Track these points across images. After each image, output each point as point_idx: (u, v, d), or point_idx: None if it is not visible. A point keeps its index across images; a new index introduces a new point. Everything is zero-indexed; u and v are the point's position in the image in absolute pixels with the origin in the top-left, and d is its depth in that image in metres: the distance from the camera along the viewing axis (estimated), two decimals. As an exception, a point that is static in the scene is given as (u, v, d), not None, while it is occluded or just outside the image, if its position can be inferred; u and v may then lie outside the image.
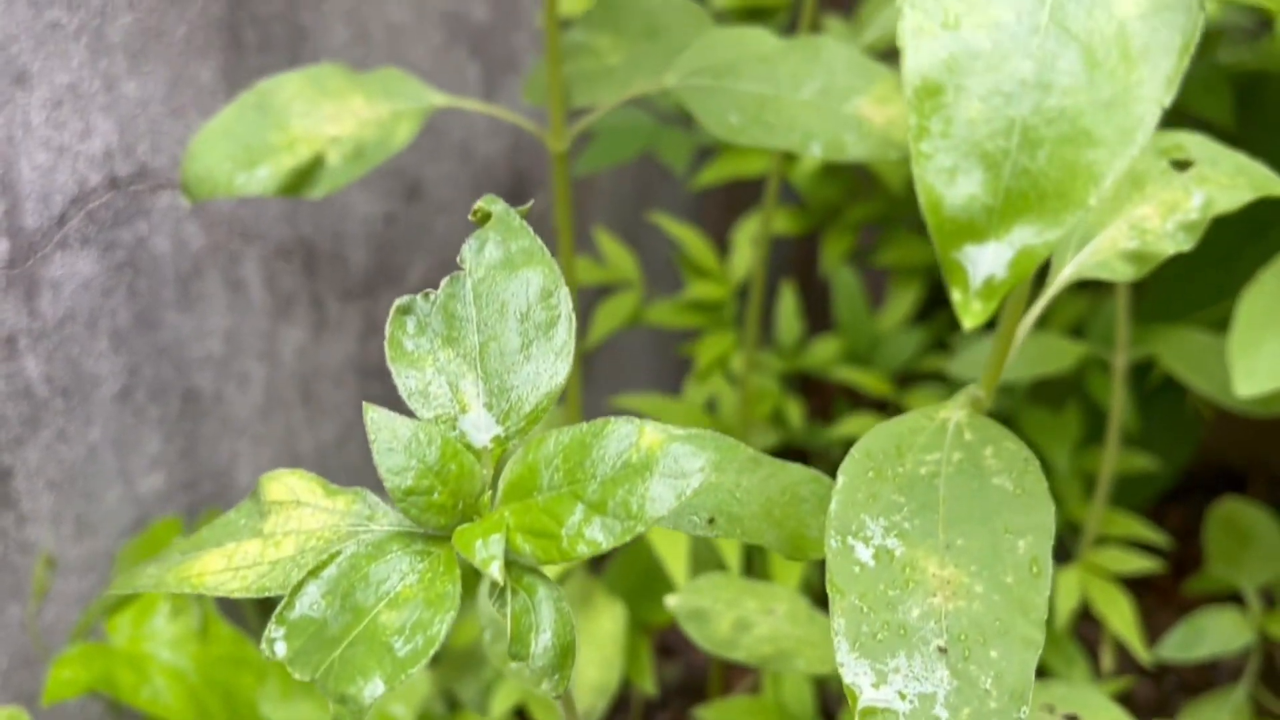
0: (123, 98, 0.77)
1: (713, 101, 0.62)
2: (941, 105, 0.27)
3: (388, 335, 0.40)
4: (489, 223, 0.39)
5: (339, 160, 0.61)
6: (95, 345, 0.79)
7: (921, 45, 0.27)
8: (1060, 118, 0.27)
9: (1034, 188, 0.27)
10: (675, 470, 0.33)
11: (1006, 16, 0.27)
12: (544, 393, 0.37)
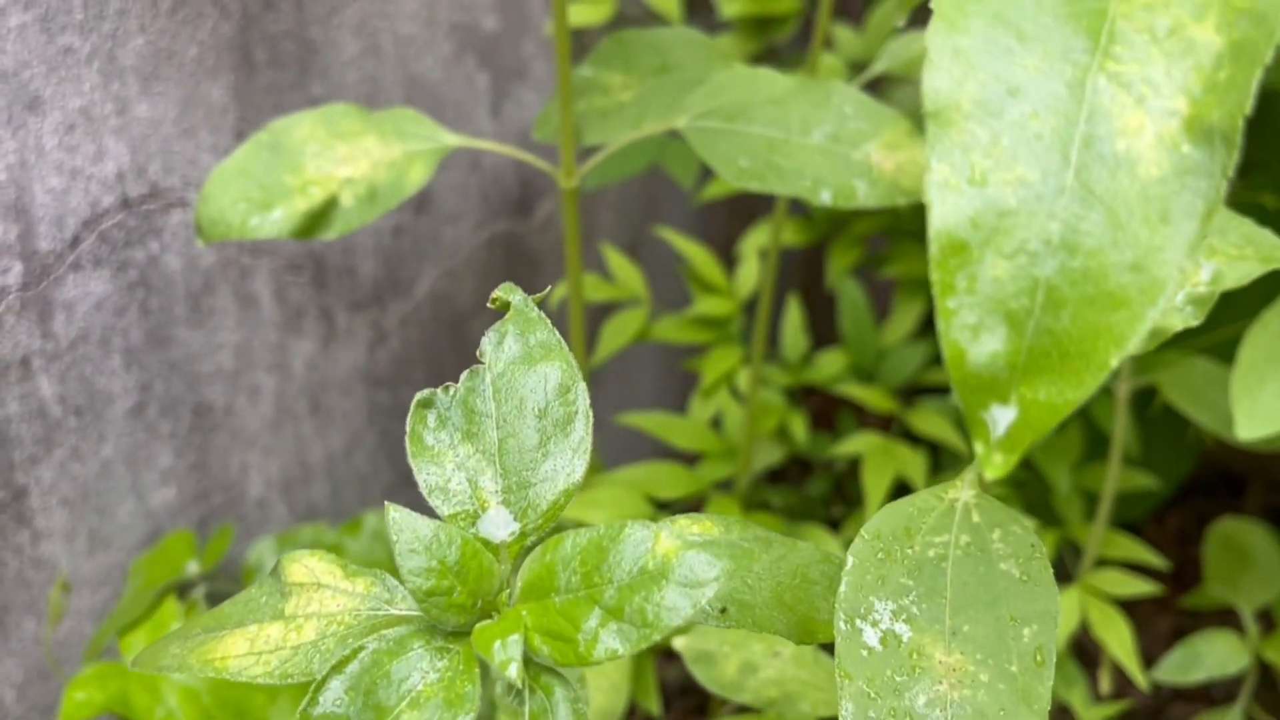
0: (135, 119, 0.77)
1: (722, 145, 0.62)
2: (967, 262, 0.27)
3: (409, 430, 0.40)
4: (508, 314, 0.39)
5: (353, 202, 0.61)
6: (108, 364, 0.79)
7: (948, 200, 0.27)
8: (1084, 279, 0.27)
9: (1057, 348, 0.27)
10: (691, 579, 0.33)
11: (1033, 175, 0.27)
12: (561, 489, 0.37)
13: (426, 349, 1.01)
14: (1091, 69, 0.28)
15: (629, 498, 0.75)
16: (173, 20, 0.77)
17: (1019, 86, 0.28)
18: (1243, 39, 0.27)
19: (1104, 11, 0.29)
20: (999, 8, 0.29)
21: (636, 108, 0.67)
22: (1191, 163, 0.27)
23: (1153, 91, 0.27)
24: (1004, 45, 0.28)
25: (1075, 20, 0.28)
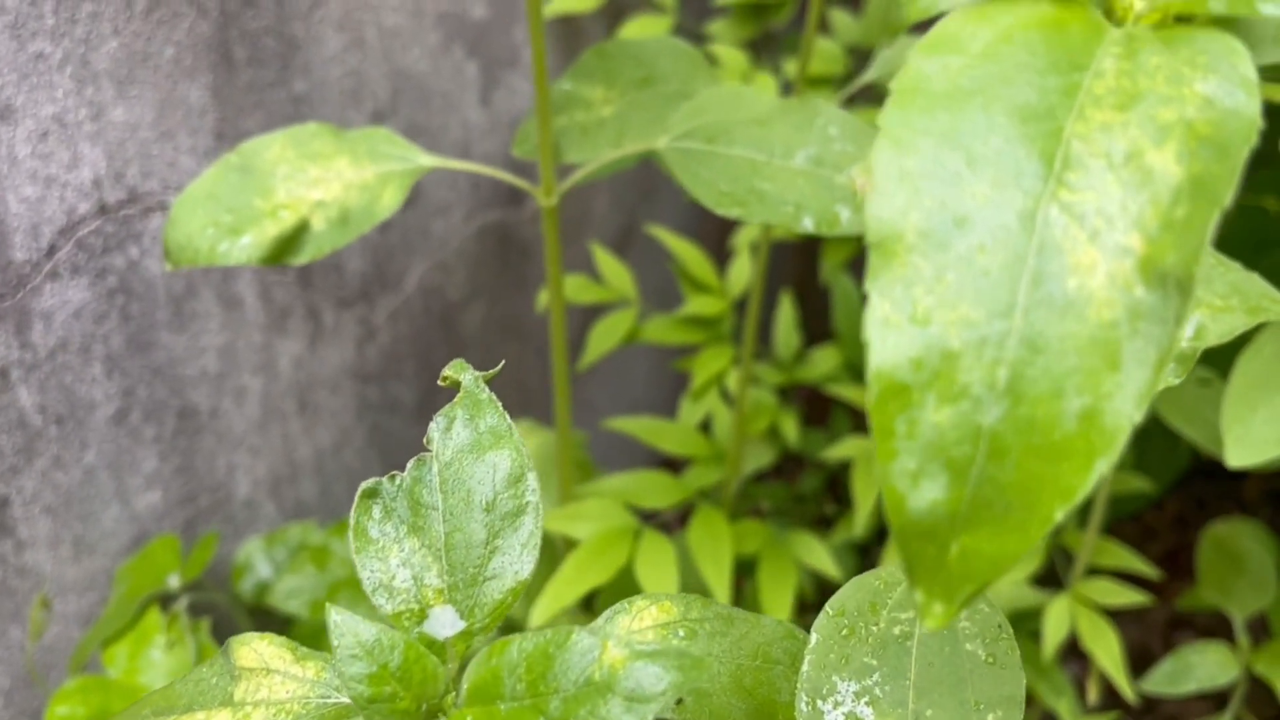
0: (110, 124, 0.75)
1: (703, 168, 0.60)
2: (907, 405, 0.26)
3: (352, 523, 0.39)
4: (457, 398, 0.38)
5: (324, 226, 0.59)
6: (89, 371, 0.78)
7: (888, 339, 0.26)
8: (1030, 428, 0.25)
9: (1000, 498, 0.26)
10: (638, 693, 0.32)
11: (978, 315, 0.26)
12: (509, 587, 0.36)
13: (416, 342, 0.99)
14: (1044, 198, 0.26)
15: (614, 510, 0.74)
16: (148, 22, 0.75)
17: (967, 216, 0.26)
18: (1203, 173, 0.26)
19: (1059, 132, 0.27)
20: (949, 126, 0.27)
21: (617, 124, 0.65)
22: (1145, 307, 0.25)
23: (1107, 225, 0.26)
24: (953, 169, 0.26)
25: (1029, 142, 0.27)
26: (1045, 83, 0.27)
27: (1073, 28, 0.29)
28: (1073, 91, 0.27)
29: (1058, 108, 0.27)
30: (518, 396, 1.12)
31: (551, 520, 0.74)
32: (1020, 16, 0.29)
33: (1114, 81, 0.27)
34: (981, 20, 0.28)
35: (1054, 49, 0.28)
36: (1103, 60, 0.28)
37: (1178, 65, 0.28)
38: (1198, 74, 0.27)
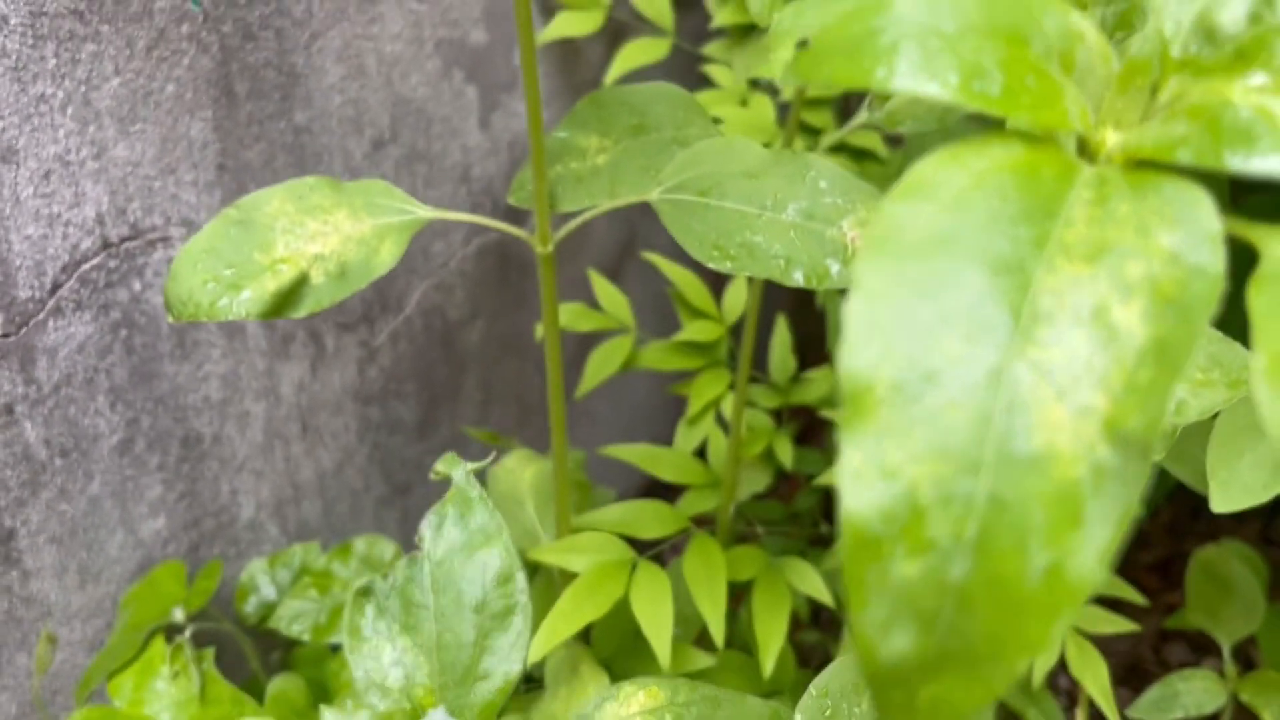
0: (113, 162, 0.75)
1: (695, 221, 0.61)
2: (878, 557, 0.26)
3: (347, 621, 0.39)
4: (448, 496, 0.39)
5: (323, 279, 0.60)
6: (93, 404, 0.79)
7: (860, 491, 0.26)
8: (996, 583, 0.26)
9: (967, 650, 0.26)
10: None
11: (946, 471, 0.26)
12: (498, 687, 0.37)
13: (417, 362, 1.00)
14: (1012, 354, 0.27)
15: (610, 543, 0.75)
16: (149, 60, 0.76)
17: (937, 372, 0.27)
18: (1166, 336, 0.26)
19: (1029, 285, 0.27)
20: (921, 278, 0.27)
21: (611, 172, 0.65)
22: (1108, 466, 0.26)
23: (1073, 384, 0.26)
24: (925, 323, 0.27)
25: (999, 296, 0.27)
26: (1017, 232, 0.28)
27: (1045, 170, 0.29)
28: (1043, 241, 0.28)
29: (1028, 259, 0.28)
30: (517, 411, 1.12)
31: (548, 553, 0.75)
32: (993, 160, 0.29)
33: (1084, 230, 0.28)
34: (954, 164, 0.29)
35: (1025, 195, 0.29)
36: (1073, 207, 0.28)
37: (1145, 214, 0.28)
38: (1164, 226, 0.28)
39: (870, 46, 0.30)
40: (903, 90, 0.29)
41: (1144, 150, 0.29)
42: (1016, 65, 0.30)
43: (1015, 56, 0.30)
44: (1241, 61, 0.30)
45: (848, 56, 0.30)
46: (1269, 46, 0.30)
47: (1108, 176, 0.29)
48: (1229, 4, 0.31)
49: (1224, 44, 0.31)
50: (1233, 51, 0.30)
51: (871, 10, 0.30)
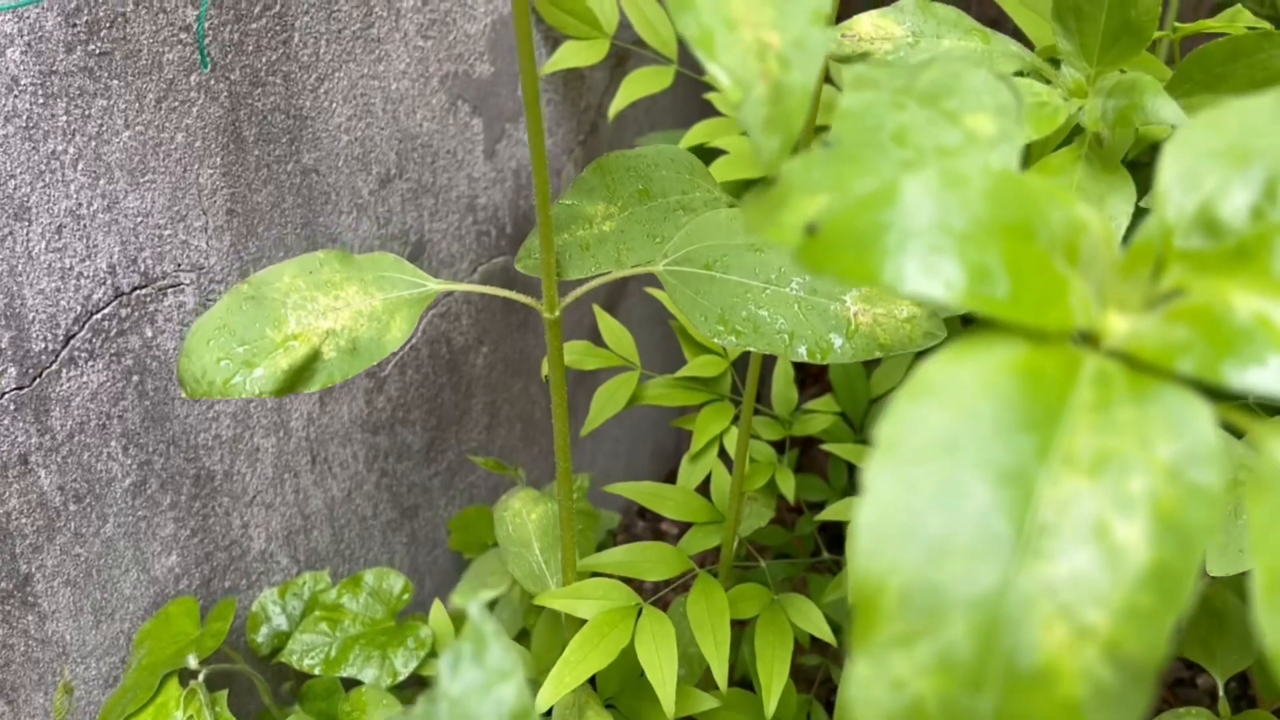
0: (124, 213, 0.76)
1: (700, 294, 0.61)
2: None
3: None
4: (464, 632, 0.39)
5: (335, 354, 0.60)
6: (106, 449, 0.80)
7: (869, 697, 0.27)
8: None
9: None
10: None
11: (949, 685, 0.27)
12: (514, 824, 0.38)
13: (424, 389, 1.01)
14: (1015, 568, 0.27)
15: (614, 590, 0.76)
16: (159, 111, 0.76)
17: (943, 586, 0.27)
18: (1168, 561, 0.27)
19: (1031, 496, 0.28)
20: (929, 486, 0.28)
21: (617, 239, 0.66)
22: (1108, 688, 0.26)
23: (1075, 602, 0.27)
24: (932, 535, 0.28)
25: (1003, 508, 0.28)
26: (1020, 441, 0.29)
27: (1048, 370, 0.30)
28: (1046, 450, 0.28)
29: (1032, 469, 0.28)
30: (523, 431, 1.13)
31: (555, 600, 0.76)
32: (997, 361, 0.30)
33: (1086, 438, 0.29)
34: (960, 364, 0.29)
35: (1029, 400, 0.29)
36: (1076, 411, 0.29)
37: (1146, 423, 0.29)
38: (1165, 437, 0.28)
39: (878, 243, 0.30)
40: (911, 294, 0.29)
41: (1145, 353, 0.30)
42: (1022, 263, 0.30)
43: (1021, 253, 0.30)
44: (1243, 259, 0.30)
45: (856, 252, 0.30)
46: (1270, 245, 0.30)
47: (1110, 375, 0.30)
48: (1231, 197, 0.31)
49: (1226, 236, 0.31)
50: (1234, 246, 0.31)
51: (880, 203, 0.31)
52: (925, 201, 0.30)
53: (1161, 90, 0.51)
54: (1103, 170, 0.53)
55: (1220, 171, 0.31)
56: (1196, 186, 0.31)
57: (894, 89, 0.38)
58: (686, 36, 0.37)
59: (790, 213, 0.36)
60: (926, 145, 0.36)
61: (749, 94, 0.38)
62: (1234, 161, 0.31)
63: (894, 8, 0.58)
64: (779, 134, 0.38)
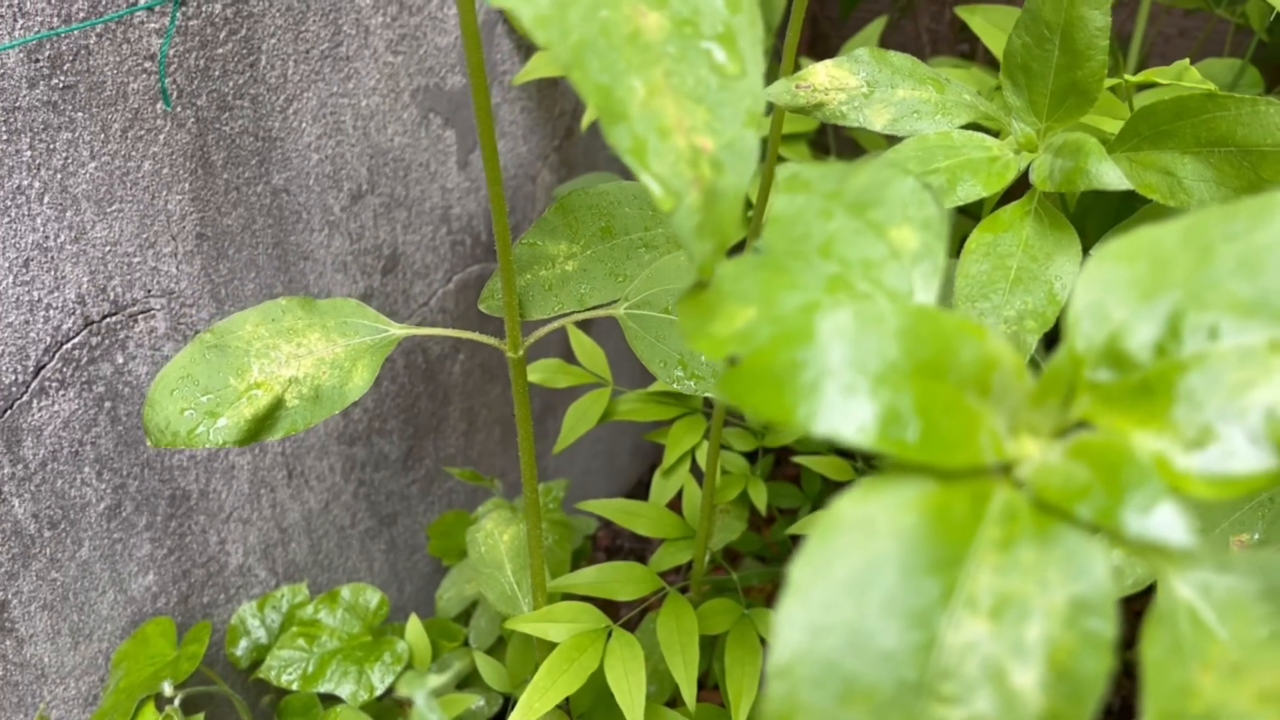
0: (91, 243, 0.77)
1: (659, 339, 0.62)
2: None
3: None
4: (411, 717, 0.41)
5: (298, 402, 0.62)
6: (79, 475, 0.81)
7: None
8: None
9: None
10: None
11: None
12: None
13: (400, 399, 1.02)
14: (920, 714, 0.29)
15: (584, 612, 0.78)
16: (125, 141, 0.76)
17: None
18: (1060, 711, 0.28)
19: (934, 641, 0.29)
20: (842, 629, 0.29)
21: (579, 279, 0.67)
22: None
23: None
24: (843, 678, 0.29)
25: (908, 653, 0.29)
26: (926, 584, 0.30)
27: (957, 508, 0.31)
28: (950, 593, 0.30)
29: (936, 613, 0.30)
30: (501, 434, 1.15)
31: (526, 624, 0.78)
32: (906, 499, 0.31)
33: (989, 579, 0.30)
34: (870, 502, 0.31)
35: (936, 539, 0.30)
36: (981, 551, 0.30)
37: (1046, 566, 0.30)
38: (1064, 581, 0.30)
39: (794, 381, 0.31)
40: (824, 436, 0.30)
41: (1047, 495, 0.31)
42: (932, 403, 0.31)
43: (932, 392, 0.32)
44: (1146, 395, 0.32)
45: (772, 389, 0.31)
46: (1171, 383, 0.31)
47: (1017, 511, 0.31)
48: (1136, 332, 0.32)
49: (1132, 371, 0.32)
50: (1138, 381, 0.32)
51: (797, 339, 0.32)
52: (840, 341, 0.32)
53: (1104, 155, 0.52)
54: (1051, 227, 0.55)
55: (1127, 305, 0.32)
56: (1105, 319, 0.33)
57: (824, 194, 0.39)
58: (619, 148, 0.38)
59: (720, 323, 0.37)
60: (852, 258, 0.37)
61: (681, 202, 0.39)
62: (1141, 295, 0.33)
63: (849, 57, 0.59)
64: (712, 239, 0.39)
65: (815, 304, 0.36)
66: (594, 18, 0.38)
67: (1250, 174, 0.51)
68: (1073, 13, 0.52)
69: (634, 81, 0.39)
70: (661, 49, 0.40)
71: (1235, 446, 0.30)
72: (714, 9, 0.41)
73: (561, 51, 0.38)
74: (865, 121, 0.58)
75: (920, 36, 1.08)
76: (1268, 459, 0.30)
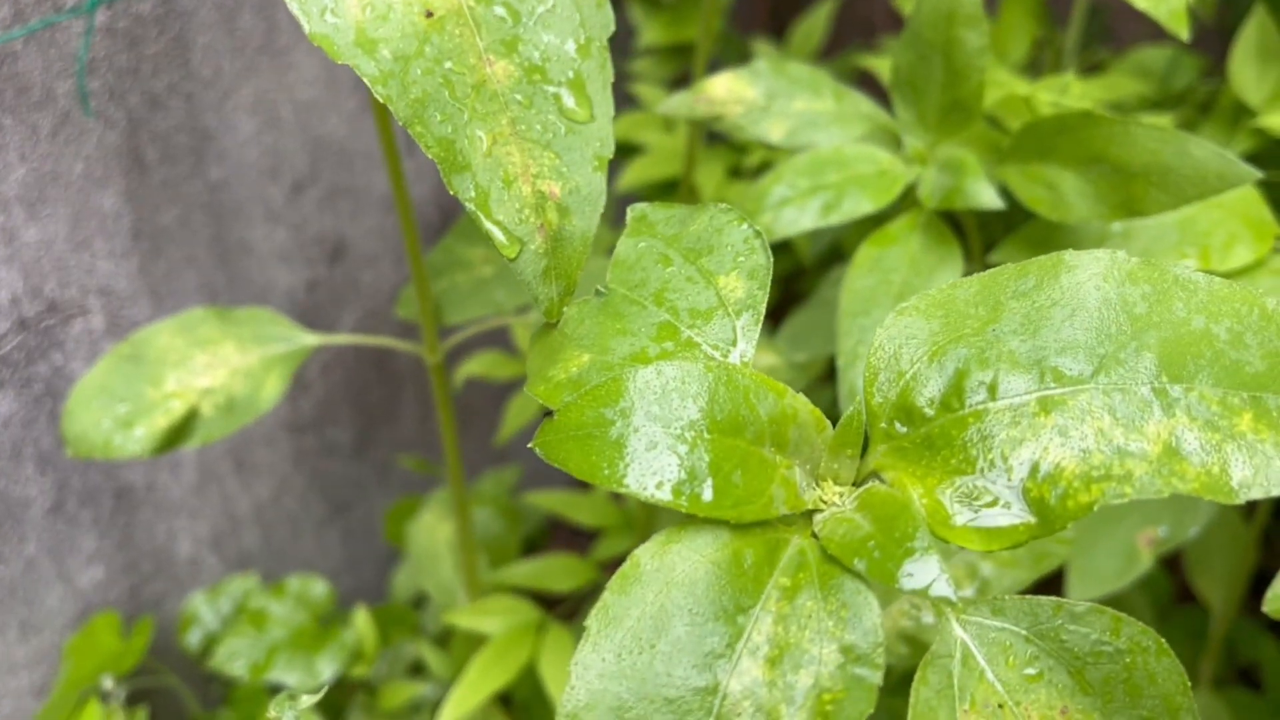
0: (24, 246, 0.80)
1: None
2: None
3: None
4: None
5: (213, 412, 0.65)
6: (21, 472, 0.85)
7: None
8: None
9: None
10: None
11: None
12: None
13: (350, 388, 1.05)
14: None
15: (518, 606, 0.82)
16: (55, 143, 0.79)
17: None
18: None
19: (716, 689, 0.32)
20: (634, 673, 0.33)
21: (496, 283, 0.70)
22: None
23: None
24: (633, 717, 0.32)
25: (693, 698, 0.32)
26: (712, 632, 0.33)
27: (750, 556, 0.34)
28: (734, 641, 0.33)
29: (720, 661, 0.33)
30: (460, 418, 1.18)
31: (460, 617, 0.82)
32: (701, 549, 0.34)
33: (771, 629, 0.33)
34: (668, 552, 0.34)
35: (726, 588, 0.33)
36: (769, 599, 0.33)
37: (825, 615, 0.33)
38: (839, 629, 0.33)
39: (601, 440, 0.34)
40: (627, 491, 0.34)
41: (833, 546, 0.34)
42: (728, 460, 0.34)
43: (728, 449, 0.35)
44: (930, 449, 0.34)
45: (581, 447, 0.34)
46: (952, 438, 0.34)
47: (806, 559, 0.34)
48: (925, 387, 0.35)
49: (920, 424, 0.35)
50: (924, 435, 0.35)
51: (605, 397, 0.35)
52: (646, 398, 0.35)
53: (981, 174, 0.54)
54: (937, 241, 0.57)
55: (919, 359, 0.35)
56: (899, 373, 0.35)
57: (666, 238, 0.42)
58: (462, 198, 0.41)
59: (559, 368, 0.40)
60: (681, 306, 0.40)
61: (525, 248, 0.42)
62: (933, 349, 0.35)
63: (748, 69, 0.61)
64: (558, 282, 0.42)
65: (642, 352, 0.38)
66: (438, 70, 0.41)
67: (1123, 192, 0.53)
68: (951, 33, 0.55)
69: (478, 131, 0.42)
70: (509, 97, 0.43)
71: (1002, 503, 0.33)
72: (564, 55, 0.44)
73: (401, 107, 0.40)
74: (763, 134, 0.61)
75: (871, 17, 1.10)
76: (1028, 515, 0.33)
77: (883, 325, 0.36)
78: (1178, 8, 0.55)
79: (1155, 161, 0.51)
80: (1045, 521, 0.32)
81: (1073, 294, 0.35)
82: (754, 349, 0.38)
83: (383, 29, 0.40)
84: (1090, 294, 0.35)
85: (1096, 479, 0.32)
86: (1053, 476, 0.33)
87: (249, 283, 0.95)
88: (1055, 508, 0.32)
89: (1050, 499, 0.32)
